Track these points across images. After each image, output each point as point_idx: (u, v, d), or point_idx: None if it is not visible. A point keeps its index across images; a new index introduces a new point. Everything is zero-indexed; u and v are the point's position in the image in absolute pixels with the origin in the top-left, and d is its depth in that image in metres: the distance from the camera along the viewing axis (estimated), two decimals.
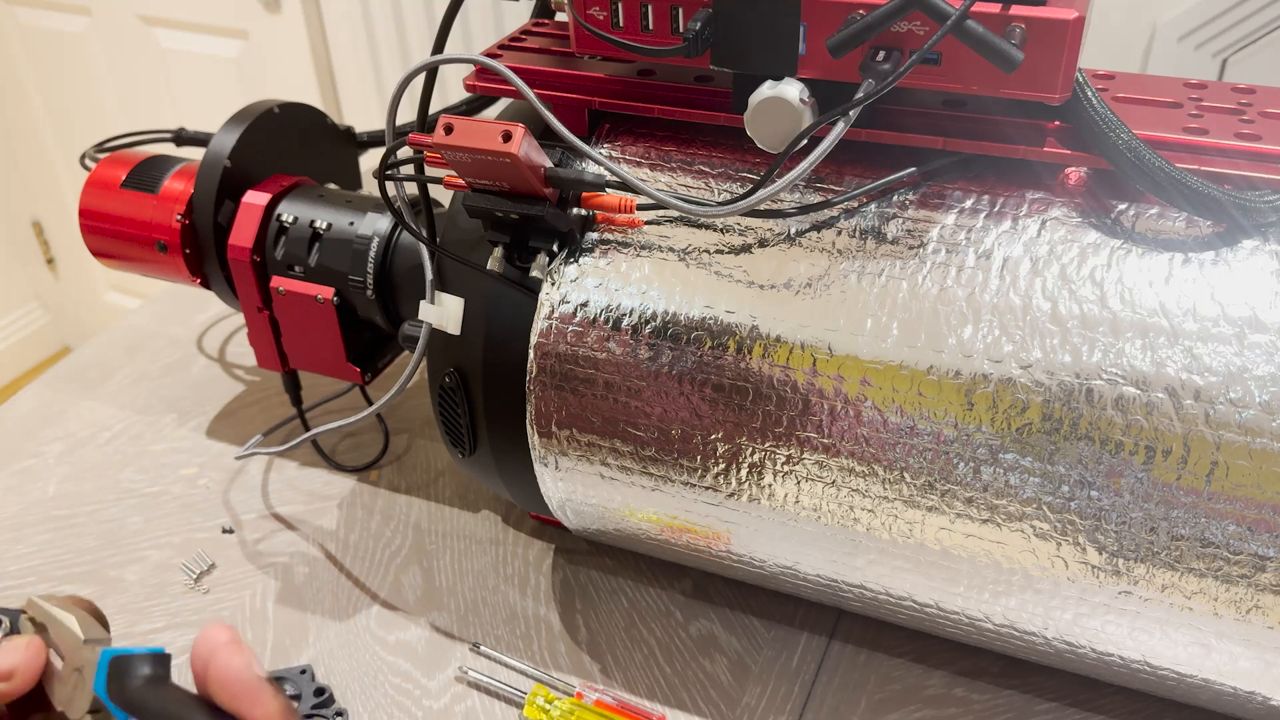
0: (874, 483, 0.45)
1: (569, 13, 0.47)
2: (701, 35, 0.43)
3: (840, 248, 0.46)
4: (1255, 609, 0.41)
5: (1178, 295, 0.41)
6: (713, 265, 0.47)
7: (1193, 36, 0.95)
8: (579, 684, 0.55)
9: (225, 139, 0.64)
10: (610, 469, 0.51)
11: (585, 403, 0.49)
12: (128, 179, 0.67)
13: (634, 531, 0.54)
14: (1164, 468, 0.41)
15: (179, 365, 0.82)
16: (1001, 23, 0.40)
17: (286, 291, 0.62)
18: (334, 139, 0.72)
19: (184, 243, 0.65)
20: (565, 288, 0.49)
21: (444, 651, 0.58)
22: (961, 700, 0.54)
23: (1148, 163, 0.41)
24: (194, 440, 0.74)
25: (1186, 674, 0.45)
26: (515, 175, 0.46)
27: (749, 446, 0.47)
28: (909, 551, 0.46)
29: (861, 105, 0.41)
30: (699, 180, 0.49)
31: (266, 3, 1.49)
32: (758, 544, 0.50)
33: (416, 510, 0.67)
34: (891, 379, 0.44)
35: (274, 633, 0.60)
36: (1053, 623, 0.46)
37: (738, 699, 0.55)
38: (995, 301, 0.43)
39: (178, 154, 0.71)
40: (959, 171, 0.46)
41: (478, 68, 0.51)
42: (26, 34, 1.79)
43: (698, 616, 0.59)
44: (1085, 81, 0.42)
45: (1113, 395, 0.41)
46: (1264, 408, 0.39)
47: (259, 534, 0.66)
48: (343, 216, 0.62)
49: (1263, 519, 0.40)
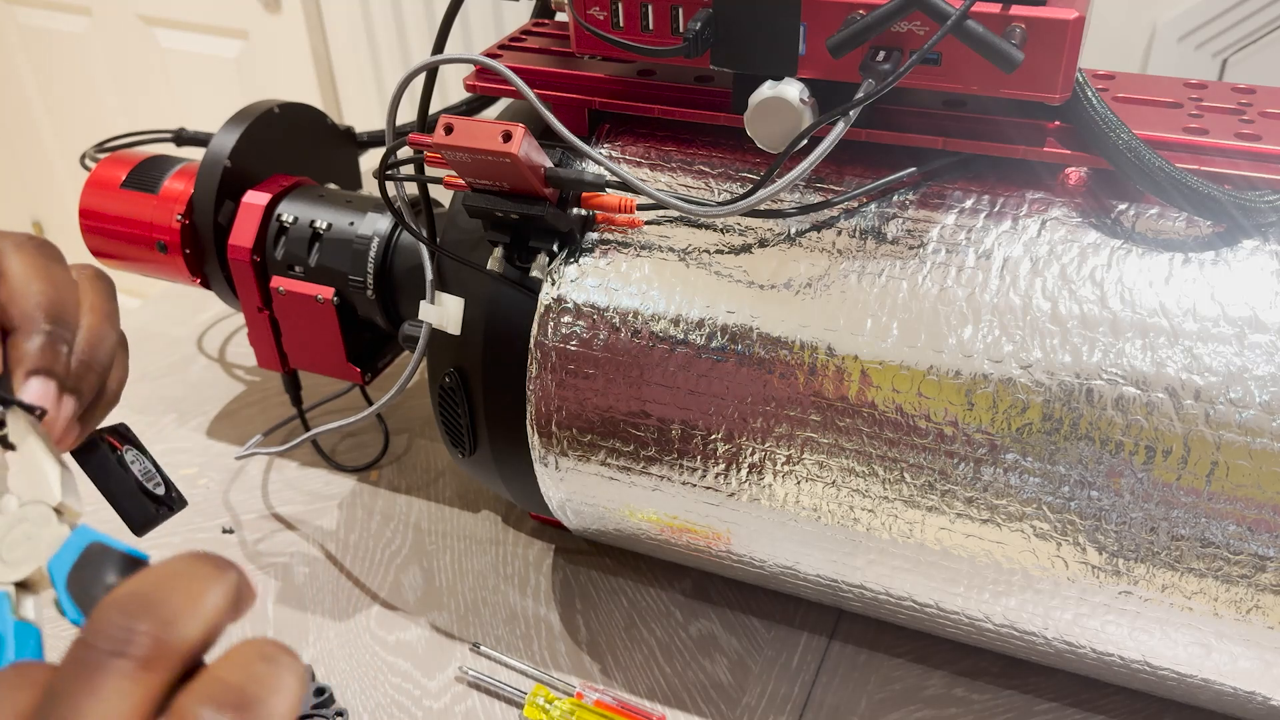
0: (874, 483, 0.45)
1: (569, 13, 0.47)
2: (701, 35, 0.43)
3: (840, 248, 0.46)
4: (1255, 609, 0.41)
5: (1178, 295, 0.41)
6: (713, 265, 0.47)
7: (1193, 36, 0.95)
8: (579, 684, 0.55)
9: (225, 139, 0.64)
10: (610, 469, 0.51)
11: (585, 403, 0.49)
12: (128, 179, 0.67)
13: (634, 531, 0.54)
14: (1164, 468, 0.41)
15: (179, 365, 0.82)
16: (1001, 23, 0.40)
17: (286, 291, 0.62)
18: (334, 139, 0.72)
19: (184, 243, 0.65)
20: (565, 288, 0.49)
21: (444, 651, 0.58)
22: (961, 700, 0.54)
23: (1148, 163, 0.41)
24: (194, 440, 0.74)
25: (1186, 674, 0.45)
26: (515, 175, 0.46)
27: (749, 446, 0.47)
28: (909, 551, 0.46)
29: (861, 105, 0.41)
30: (699, 180, 0.49)
31: (266, 3, 1.49)
32: (758, 544, 0.50)
33: (416, 510, 0.67)
34: (892, 379, 0.44)
35: (274, 633, 0.59)
36: (1053, 623, 0.46)
37: (738, 699, 0.55)
38: (995, 301, 0.43)
39: (178, 154, 0.71)
40: (959, 171, 0.46)
41: (478, 68, 0.51)
42: (26, 34, 1.79)
43: (698, 616, 0.59)
44: (1085, 81, 0.42)
45: (1113, 395, 0.41)
46: (1264, 408, 0.39)
47: (259, 534, 0.66)
48: (343, 216, 0.62)
49: (1263, 519, 0.40)
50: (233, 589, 0.25)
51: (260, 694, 0.24)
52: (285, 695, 0.24)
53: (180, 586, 0.25)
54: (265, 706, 0.23)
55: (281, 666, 0.24)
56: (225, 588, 0.25)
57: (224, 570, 0.26)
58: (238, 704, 0.23)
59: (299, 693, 0.24)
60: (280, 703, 0.24)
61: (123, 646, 0.23)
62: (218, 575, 0.25)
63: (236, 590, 0.26)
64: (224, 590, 0.25)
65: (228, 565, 0.26)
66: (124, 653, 0.23)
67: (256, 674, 0.24)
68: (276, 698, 0.24)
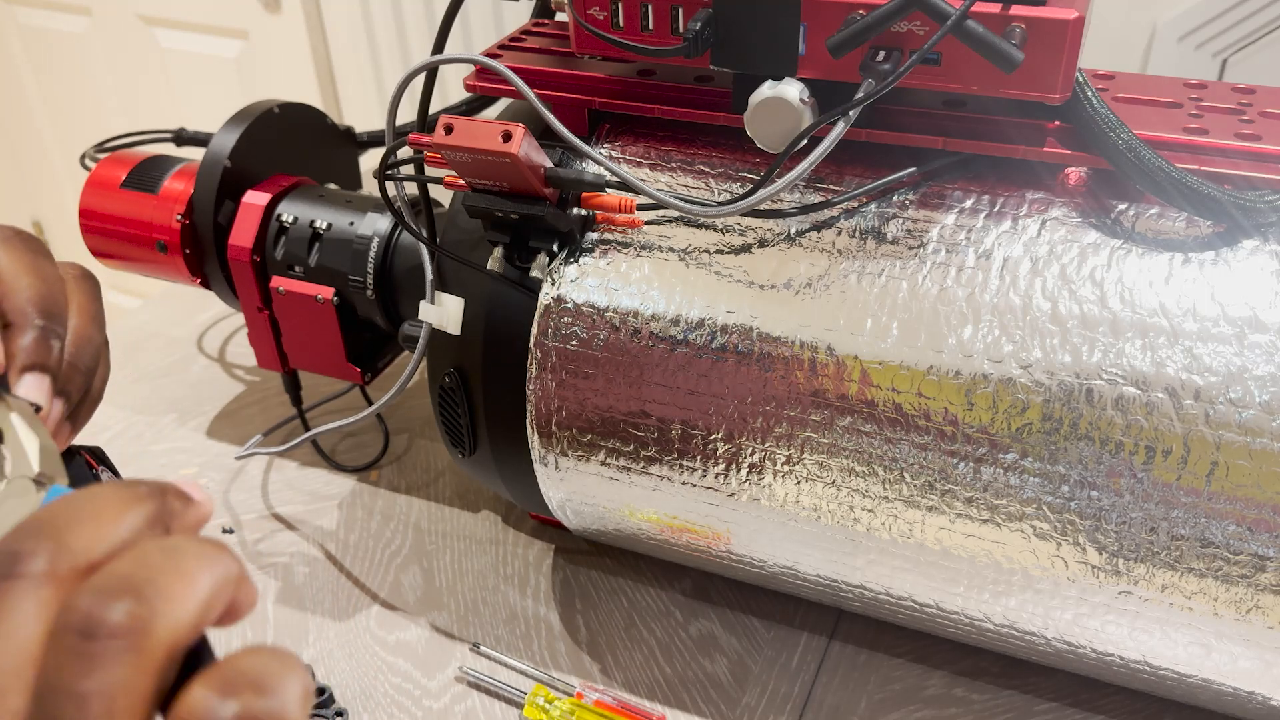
0: (874, 483, 0.45)
1: (569, 13, 0.47)
2: (701, 35, 0.43)
3: (840, 248, 0.46)
4: (1255, 609, 0.41)
5: (1178, 295, 0.41)
6: (713, 265, 0.47)
7: (1193, 36, 0.95)
8: (579, 684, 0.55)
9: (225, 139, 0.64)
10: (610, 469, 0.51)
11: (585, 403, 0.49)
12: (128, 179, 0.67)
13: (634, 531, 0.54)
14: (1164, 468, 0.41)
15: (179, 365, 0.82)
16: (1001, 23, 0.40)
17: (286, 291, 0.62)
18: (334, 139, 0.72)
19: (184, 243, 0.65)
20: (565, 287, 0.49)
21: (444, 651, 0.58)
22: (961, 700, 0.54)
23: (1148, 163, 0.41)
24: (194, 440, 0.74)
25: (1186, 674, 0.45)
26: (515, 175, 0.46)
27: (749, 446, 0.47)
28: (909, 551, 0.46)
29: (861, 105, 0.41)
30: (699, 180, 0.49)
31: (266, 3, 1.49)
32: (758, 544, 0.50)
33: (416, 510, 0.67)
34: (891, 379, 0.44)
35: (274, 633, 0.59)
36: (1053, 623, 0.46)
37: (738, 699, 0.55)
38: (995, 301, 0.43)
39: (178, 154, 0.71)
40: (959, 171, 0.46)
41: (478, 68, 0.51)
42: (26, 34, 1.79)
43: (698, 616, 0.59)
44: (1085, 81, 0.42)
45: (1113, 395, 0.41)
46: (1264, 408, 0.39)
47: (259, 534, 0.66)
48: (343, 216, 0.62)
49: (1263, 519, 0.40)
50: (148, 511, 0.25)
51: (273, 683, 0.23)
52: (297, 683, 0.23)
53: (78, 509, 0.24)
54: (279, 694, 0.23)
55: (290, 664, 0.24)
56: (136, 508, 0.25)
57: (139, 496, 0.25)
58: (232, 687, 0.23)
59: (307, 686, 0.24)
60: (292, 689, 0.23)
61: (11, 568, 0.23)
62: (126, 496, 0.25)
63: (156, 510, 0.25)
64: (134, 511, 0.25)
65: (150, 493, 0.25)
66: (13, 574, 0.23)
67: (269, 668, 0.23)
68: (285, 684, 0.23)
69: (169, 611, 0.23)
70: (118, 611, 0.22)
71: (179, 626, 0.23)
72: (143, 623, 0.22)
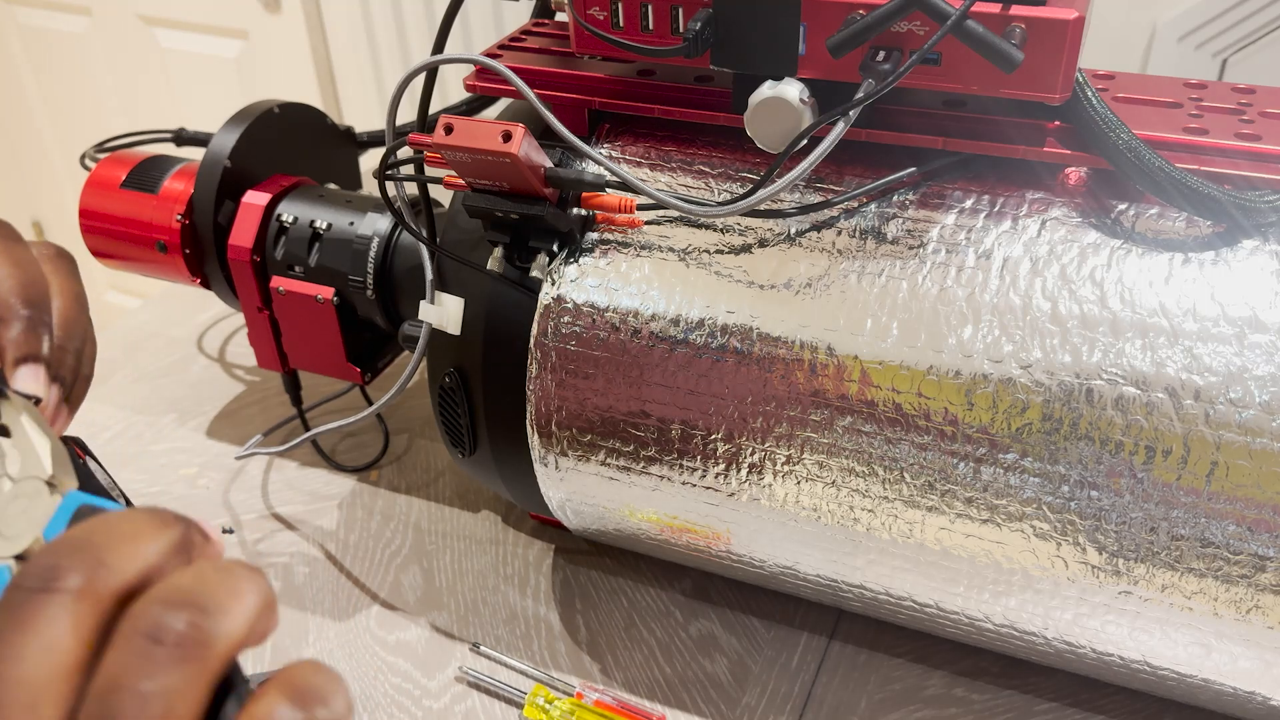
0: (874, 483, 0.45)
1: (569, 13, 0.47)
2: (701, 35, 0.43)
3: (840, 248, 0.46)
4: (1255, 609, 0.41)
5: (1178, 295, 0.41)
6: (713, 265, 0.47)
7: (1193, 36, 0.95)
8: (579, 684, 0.55)
9: (225, 139, 0.64)
10: (610, 469, 0.51)
11: (585, 403, 0.49)
12: (128, 179, 0.67)
13: (634, 531, 0.54)
14: (1164, 468, 0.41)
15: (179, 365, 0.82)
16: (1001, 23, 0.40)
17: (286, 291, 0.62)
18: (334, 139, 0.72)
19: (184, 243, 0.65)
20: (565, 287, 0.49)
21: (444, 651, 0.58)
22: (961, 700, 0.54)
23: (1148, 163, 0.41)
24: (194, 440, 0.74)
25: (1186, 674, 0.45)
26: (515, 175, 0.46)
27: (749, 446, 0.47)
28: (909, 551, 0.46)
29: (861, 105, 0.41)
30: (699, 180, 0.49)
31: (266, 3, 1.49)
32: (758, 544, 0.50)
33: (416, 510, 0.67)
34: (891, 379, 0.44)
35: (274, 633, 0.59)
36: (1053, 623, 0.46)
37: (738, 699, 0.55)
38: (995, 301, 0.43)
39: (178, 154, 0.71)
40: (959, 171, 0.46)
41: (478, 68, 0.51)
42: (26, 34, 1.79)
43: (698, 616, 0.59)
44: (1085, 81, 0.42)
45: (1113, 395, 0.41)
46: (1264, 408, 0.39)
47: (259, 534, 0.66)
48: (343, 216, 0.62)
49: (1263, 519, 0.40)
50: (176, 537, 0.26)
51: (330, 696, 0.25)
52: (346, 695, 0.25)
53: (115, 529, 0.25)
54: (335, 706, 0.25)
55: (338, 678, 0.26)
56: (167, 534, 0.26)
57: (169, 522, 0.26)
58: (302, 698, 0.25)
59: (351, 699, 0.26)
60: (344, 702, 0.25)
61: (49, 582, 0.24)
62: (158, 522, 0.26)
63: (182, 538, 0.26)
64: (166, 536, 0.26)
65: (176, 520, 0.26)
66: (50, 588, 0.24)
67: (326, 682, 0.25)
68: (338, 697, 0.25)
69: (226, 625, 0.24)
70: (182, 621, 0.24)
71: (233, 640, 0.25)
72: (204, 634, 0.24)
